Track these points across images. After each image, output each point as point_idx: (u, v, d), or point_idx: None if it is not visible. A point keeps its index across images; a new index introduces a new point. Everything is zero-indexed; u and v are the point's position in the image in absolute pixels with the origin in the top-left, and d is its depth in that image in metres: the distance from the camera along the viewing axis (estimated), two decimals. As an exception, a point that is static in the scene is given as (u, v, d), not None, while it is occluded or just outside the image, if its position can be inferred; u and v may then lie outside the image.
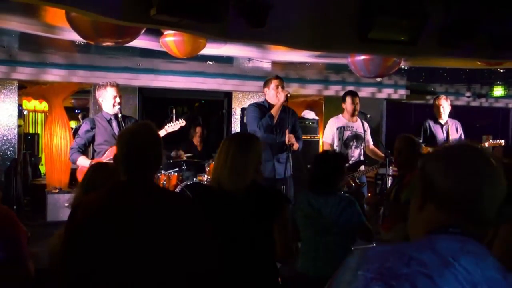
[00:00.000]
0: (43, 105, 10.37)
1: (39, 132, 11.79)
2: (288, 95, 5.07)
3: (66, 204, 6.89)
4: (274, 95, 5.13)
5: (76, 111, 12.69)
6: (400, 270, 1.01)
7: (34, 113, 11.60)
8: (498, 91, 9.46)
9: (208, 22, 3.57)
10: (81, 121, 11.75)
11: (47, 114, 10.50)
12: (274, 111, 5.07)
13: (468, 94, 9.58)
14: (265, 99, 5.26)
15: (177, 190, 6.46)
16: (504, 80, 8.88)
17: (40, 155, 11.19)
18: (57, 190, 7.50)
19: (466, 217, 1.15)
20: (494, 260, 1.10)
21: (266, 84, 5.25)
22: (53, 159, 7.89)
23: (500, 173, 1.17)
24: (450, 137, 6.32)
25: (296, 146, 5.07)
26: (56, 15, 4.66)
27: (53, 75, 7.57)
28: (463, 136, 6.35)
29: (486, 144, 6.49)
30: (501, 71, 7.19)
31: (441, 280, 1.00)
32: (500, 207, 1.20)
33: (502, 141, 6.55)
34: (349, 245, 3.24)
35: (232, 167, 2.49)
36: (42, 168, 10.88)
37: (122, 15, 3.43)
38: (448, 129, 6.33)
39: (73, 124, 11.17)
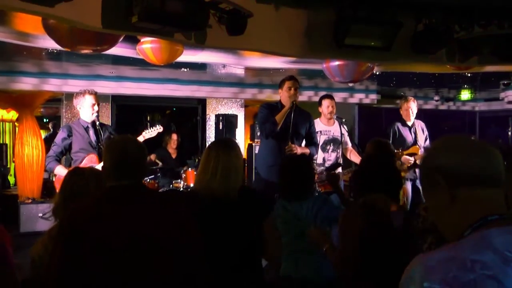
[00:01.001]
0: (10, 115, 10.15)
1: (7, 142, 11.51)
2: (295, 102, 4.90)
3: (40, 215, 6.79)
4: (286, 97, 4.99)
5: (45, 120, 12.45)
6: (467, 277, 1.03)
7: (1, 122, 11.33)
8: (465, 94, 9.75)
9: (189, 30, 3.60)
10: (51, 130, 11.57)
11: (15, 123, 10.29)
12: (278, 117, 4.89)
13: (436, 98, 9.82)
14: (280, 100, 5.14)
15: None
16: (471, 84, 9.17)
17: (8, 166, 10.92)
18: (30, 201, 7.35)
19: (492, 184, 1.23)
20: None
21: (280, 85, 5.13)
22: (24, 169, 7.72)
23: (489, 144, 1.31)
24: (418, 138, 6.52)
25: (299, 151, 4.88)
26: (29, 23, 4.59)
27: (24, 84, 7.41)
28: (428, 136, 6.60)
29: None
30: (468, 75, 7.42)
31: (506, 279, 1.02)
32: None
33: None
34: None
35: (223, 173, 2.56)
36: (11, 179, 10.62)
37: (102, 23, 3.42)
38: (416, 130, 6.54)
39: (43, 133, 10.97)
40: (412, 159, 6.15)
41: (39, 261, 2.43)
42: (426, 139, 6.63)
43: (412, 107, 6.38)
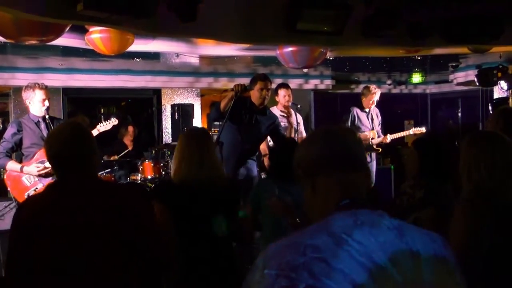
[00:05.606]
0: (-44, 112, 9.71)
1: (-47, 140, 11.02)
2: (237, 91, 4.62)
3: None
4: (257, 97, 4.93)
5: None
6: (297, 261, 1.04)
7: None
8: (416, 78, 9.97)
9: (138, 17, 3.52)
10: (1, 126, 11.15)
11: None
12: (222, 104, 4.77)
13: (389, 82, 10.01)
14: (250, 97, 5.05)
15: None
16: (421, 67, 9.38)
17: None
18: (-20, 200, 7.07)
19: (349, 169, 1.28)
20: (389, 222, 1.14)
21: (251, 82, 5.03)
22: (-27, 168, 7.40)
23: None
24: (374, 123, 6.72)
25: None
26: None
27: (-32, 79, 7.12)
28: (381, 121, 6.83)
29: (411, 132, 6.96)
30: (419, 58, 7.60)
31: (334, 260, 1.04)
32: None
33: (423, 129, 7.07)
34: None
35: (211, 163, 2.65)
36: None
37: (46, 11, 3.29)
38: (372, 116, 6.76)
39: (-9, 130, 10.56)
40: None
41: None
42: (379, 124, 6.83)
43: (376, 99, 6.67)
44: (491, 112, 7.54)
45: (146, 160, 6.84)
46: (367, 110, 6.73)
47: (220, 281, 2.65)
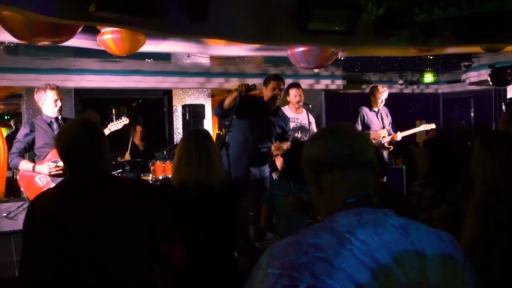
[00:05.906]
0: (-31, 113, 9.84)
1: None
2: (242, 91, 4.59)
3: (5, 214, 6.61)
4: (270, 97, 4.93)
5: (6, 117, 12.10)
6: (300, 260, 1.03)
7: (-41, 121, 10.96)
8: (428, 77, 9.91)
9: (149, 18, 3.53)
10: (13, 127, 11.25)
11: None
12: (226, 101, 4.75)
13: (400, 81, 9.95)
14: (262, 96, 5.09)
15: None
16: (433, 67, 9.32)
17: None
18: (-7, 200, 7.12)
19: (354, 167, 1.25)
20: (395, 221, 1.12)
21: (264, 83, 5.09)
22: (-14, 168, 7.47)
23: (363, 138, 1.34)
24: (384, 122, 6.70)
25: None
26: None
27: (-19, 80, 7.18)
28: (391, 121, 6.82)
29: (421, 128, 6.96)
30: (431, 58, 7.55)
31: (336, 260, 1.02)
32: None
33: (433, 125, 7.07)
34: None
35: (210, 165, 2.59)
36: (-27, 179, 10.30)
37: (58, 13, 3.32)
38: (382, 115, 6.73)
39: (4, 131, 10.65)
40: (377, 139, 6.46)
41: None
42: (390, 123, 6.82)
43: (384, 98, 6.67)
44: (504, 112, 7.47)
45: (157, 161, 6.86)
46: (376, 109, 6.73)
47: (221, 283, 2.62)
